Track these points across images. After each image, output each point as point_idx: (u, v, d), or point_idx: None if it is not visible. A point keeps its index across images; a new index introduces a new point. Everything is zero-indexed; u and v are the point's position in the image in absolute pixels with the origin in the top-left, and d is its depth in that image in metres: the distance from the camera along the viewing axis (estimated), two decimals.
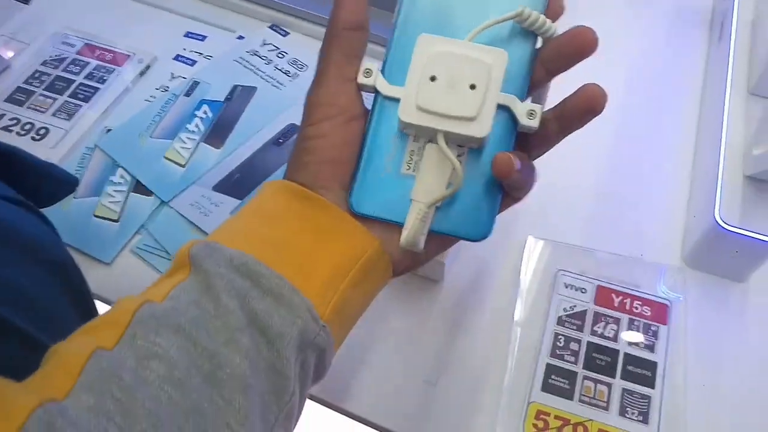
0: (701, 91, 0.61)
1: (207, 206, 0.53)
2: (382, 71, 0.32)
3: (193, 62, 0.63)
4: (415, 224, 0.31)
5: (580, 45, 0.31)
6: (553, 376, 0.45)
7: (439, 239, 0.33)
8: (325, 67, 0.32)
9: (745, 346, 0.47)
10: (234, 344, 0.27)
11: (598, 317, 0.48)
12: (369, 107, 0.33)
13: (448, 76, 0.30)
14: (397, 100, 0.31)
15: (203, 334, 0.27)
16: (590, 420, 0.44)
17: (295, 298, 0.29)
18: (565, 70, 0.32)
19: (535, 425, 0.43)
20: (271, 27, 0.67)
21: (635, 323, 0.47)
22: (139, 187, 0.54)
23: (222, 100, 0.60)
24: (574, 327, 0.47)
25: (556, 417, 0.44)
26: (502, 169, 0.30)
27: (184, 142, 0.57)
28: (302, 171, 0.32)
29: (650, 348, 0.46)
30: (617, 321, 0.48)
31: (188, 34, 0.66)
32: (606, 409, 0.44)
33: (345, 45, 0.32)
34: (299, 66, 0.63)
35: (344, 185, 0.32)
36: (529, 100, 0.32)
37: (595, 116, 0.31)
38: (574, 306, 0.48)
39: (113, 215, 0.53)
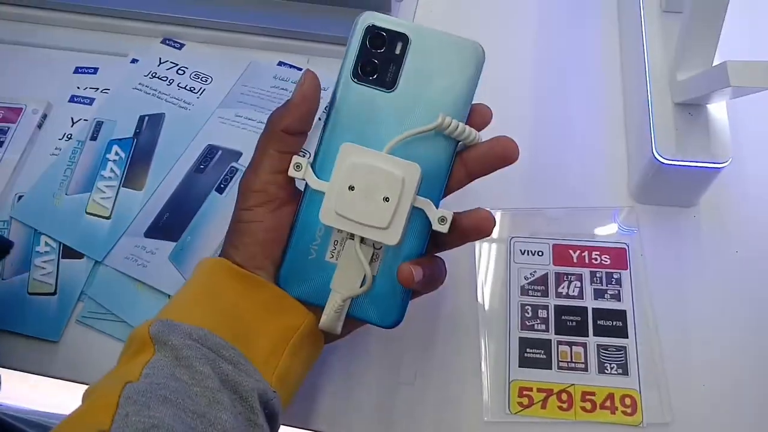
0: (617, 20, 0.60)
1: (144, 256, 0.50)
2: (312, 165, 0.36)
3: (91, 100, 0.59)
4: (331, 314, 0.35)
5: (501, 154, 0.36)
6: (527, 350, 0.45)
7: (357, 321, 0.37)
8: (260, 158, 0.36)
9: (704, 269, 0.48)
10: (217, 404, 0.31)
11: (560, 277, 0.48)
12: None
13: (365, 187, 0.33)
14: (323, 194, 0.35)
15: (188, 400, 0.30)
16: (572, 385, 0.44)
17: (249, 366, 0.33)
18: (487, 174, 0.37)
19: (520, 403, 0.43)
20: (163, 42, 0.62)
21: (597, 275, 0.47)
22: (68, 252, 0.51)
23: (131, 135, 0.56)
24: (539, 293, 0.47)
25: (539, 390, 0.44)
26: (405, 279, 0.34)
27: (104, 192, 0.53)
28: (239, 251, 0.36)
29: (616, 297, 0.47)
30: (579, 277, 0.47)
31: (78, 70, 0.61)
32: (585, 370, 0.44)
33: (281, 144, 0.36)
34: (202, 79, 0.59)
35: (276, 264, 0.36)
36: (442, 204, 0.36)
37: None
38: (534, 271, 0.48)
39: (49, 288, 0.50)
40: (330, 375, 0.46)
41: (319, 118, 0.43)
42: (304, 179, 0.36)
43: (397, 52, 0.35)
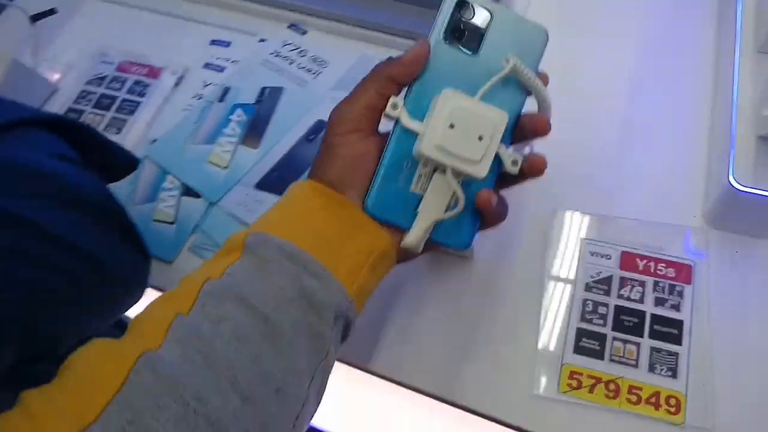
0: (714, 53, 0.63)
1: (251, 204, 0.57)
2: (404, 105, 0.40)
3: (222, 68, 0.67)
4: (419, 233, 0.40)
5: (534, 128, 0.41)
6: (583, 339, 0.49)
7: (431, 244, 0.41)
8: (359, 94, 0.41)
9: (767, 299, 0.50)
10: (284, 312, 0.35)
11: (623, 281, 0.51)
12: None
13: (464, 126, 0.38)
14: (413, 133, 0.39)
15: (259, 302, 0.34)
16: (621, 377, 0.47)
17: (332, 280, 0.37)
18: (523, 142, 0.42)
19: (569, 384, 0.47)
20: (289, 27, 0.70)
21: (660, 285, 0.50)
22: (189, 191, 0.59)
23: (253, 102, 0.64)
24: (602, 292, 0.51)
25: (589, 376, 0.47)
26: (485, 202, 0.40)
27: (224, 146, 0.61)
28: (327, 173, 0.40)
29: (676, 307, 0.49)
30: (642, 284, 0.51)
31: (214, 42, 0.70)
32: (636, 366, 0.48)
33: (382, 86, 0.40)
34: (320, 62, 0.66)
35: (361, 189, 0.40)
36: (511, 148, 0.41)
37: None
38: (600, 272, 0.52)
39: (169, 218, 0.58)
40: (404, 328, 0.51)
41: None
42: (398, 118, 0.39)
43: (481, 24, 0.41)
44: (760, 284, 0.50)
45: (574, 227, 0.54)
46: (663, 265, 0.51)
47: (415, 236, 0.40)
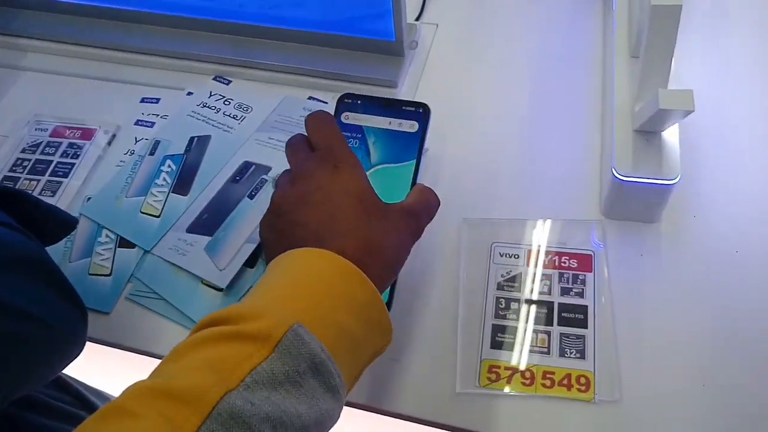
0: (601, 61, 0.68)
1: (184, 247, 0.60)
2: None
3: (152, 124, 0.71)
4: None
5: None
6: (499, 334, 0.52)
7: None
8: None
9: (661, 278, 0.54)
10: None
11: (532, 276, 0.55)
12: None
13: None
14: None
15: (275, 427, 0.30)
16: (535, 365, 0.51)
17: (343, 394, 0.36)
18: None
19: (488, 378, 0.50)
20: (215, 78, 0.74)
21: (565, 276, 0.54)
22: (123, 242, 0.62)
23: (182, 152, 0.67)
24: (512, 289, 0.55)
25: (506, 368, 0.51)
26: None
27: (156, 196, 0.64)
28: (355, 246, 0.39)
29: (580, 294, 0.53)
30: (549, 277, 0.55)
31: (144, 100, 0.74)
32: (548, 353, 0.51)
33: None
34: (245, 108, 0.71)
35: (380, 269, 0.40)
36: None
37: None
38: (510, 271, 0.56)
39: (105, 271, 0.60)
40: None
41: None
42: None
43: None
44: (652, 265, 0.55)
45: (485, 233, 0.58)
46: (566, 257, 0.55)
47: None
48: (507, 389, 0.50)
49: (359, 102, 0.54)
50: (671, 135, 0.54)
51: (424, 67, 0.72)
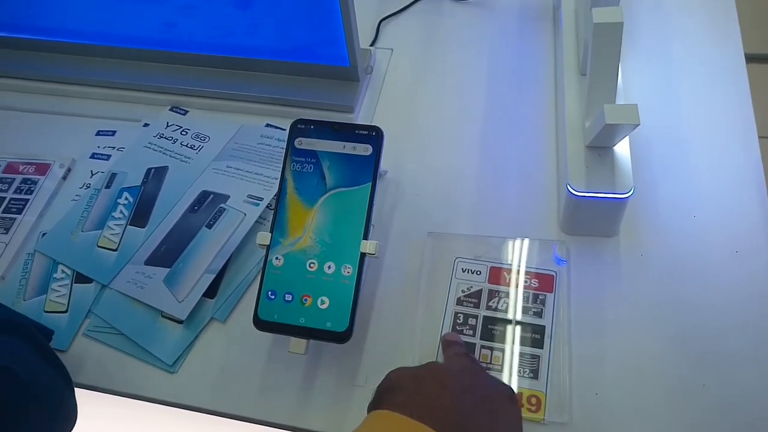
0: (554, 77, 0.70)
1: (142, 280, 0.59)
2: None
3: (108, 156, 0.70)
4: None
5: None
6: None
7: None
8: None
9: (621, 293, 0.55)
10: None
11: (492, 294, 0.55)
12: None
13: None
14: None
15: None
16: None
17: None
18: None
19: None
20: (171, 109, 0.74)
21: (525, 295, 0.55)
22: (80, 277, 0.61)
23: (139, 184, 0.67)
24: (472, 305, 0.55)
25: None
26: None
27: (113, 229, 0.63)
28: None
29: (539, 314, 0.54)
30: (508, 295, 0.55)
31: (99, 132, 0.73)
32: (501, 371, 0.51)
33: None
34: (202, 138, 0.70)
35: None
36: None
37: None
38: (471, 287, 0.56)
39: (62, 307, 0.59)
40: (294, 379, 0.53)
41: None
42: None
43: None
44: (612, 279, 0.55)
45: (448, 248, 0.58)
46: (528, 276, 0.56)
47: None
48: None
49: (312, 127, 0.54)
50: (623, 149, 0.55)
51: (380, 90, 0.72)
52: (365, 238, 0.50)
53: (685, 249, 0.56)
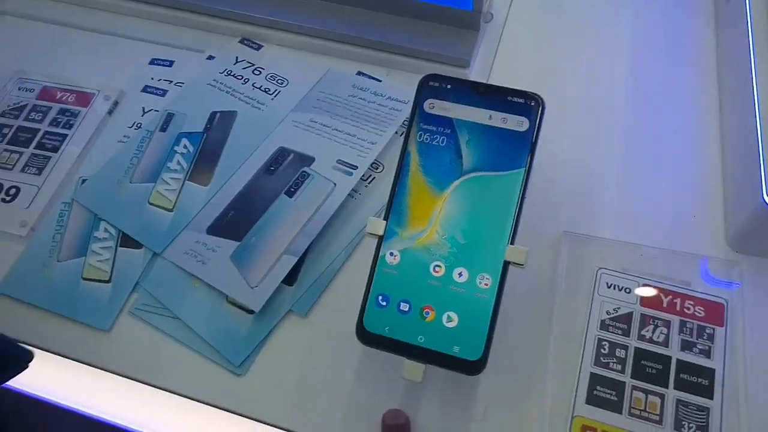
0: (715, 56, 0.57)
1: (204, 253, 0.48)
2: None
3: (164, 92, 0.58)
4: None
5: None
6: (598, 387, 0.41)
7: None
8: None
9: None
10: None
11: (645, 320, 0.44)
12: None
13: None
14: None
15: None
16: None
17: None
18: None
19: None
20: (241, 41, 0.61)
21: (688, 325, 0.43)
22: (126, 240, 0.49)
23: (201, 130, 0.55)
24: (620, 331, 0.44)
25: (604, 431, 0.40)
26: None
27: (168, 184, 0.52)
28: None
29: (706, 353, 0.42)
30: (667, 324, 0.44)
31: (154, 61, 0.61)
32: (659, 423, 0.40)
33: None
34: (278, 81, 0.58)
35: None
36: None
37: None
38: (618, 308, 0.44)
39: (104, 276, 0.48)
40: (390, 402, 0.42)
41: None
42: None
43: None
44: None
45: (588, 254, 0.47)
46: (691, 302, 0.44)
47: None
48: None
49: (449, 87, 0.42)
50: None
51: (497, 45, 0.59)
52: (511, 242, 0.38)
53: None
